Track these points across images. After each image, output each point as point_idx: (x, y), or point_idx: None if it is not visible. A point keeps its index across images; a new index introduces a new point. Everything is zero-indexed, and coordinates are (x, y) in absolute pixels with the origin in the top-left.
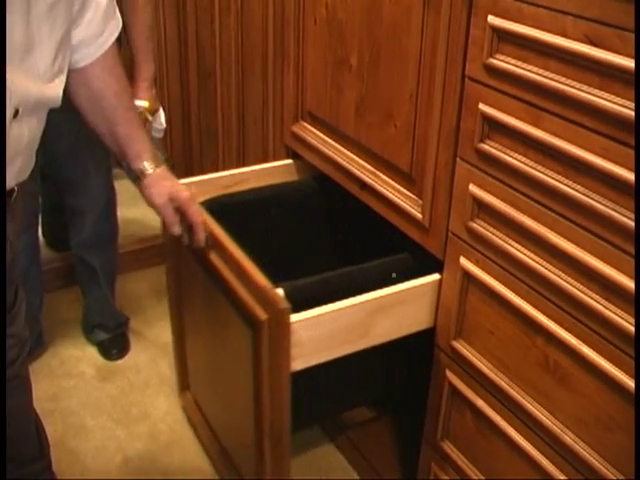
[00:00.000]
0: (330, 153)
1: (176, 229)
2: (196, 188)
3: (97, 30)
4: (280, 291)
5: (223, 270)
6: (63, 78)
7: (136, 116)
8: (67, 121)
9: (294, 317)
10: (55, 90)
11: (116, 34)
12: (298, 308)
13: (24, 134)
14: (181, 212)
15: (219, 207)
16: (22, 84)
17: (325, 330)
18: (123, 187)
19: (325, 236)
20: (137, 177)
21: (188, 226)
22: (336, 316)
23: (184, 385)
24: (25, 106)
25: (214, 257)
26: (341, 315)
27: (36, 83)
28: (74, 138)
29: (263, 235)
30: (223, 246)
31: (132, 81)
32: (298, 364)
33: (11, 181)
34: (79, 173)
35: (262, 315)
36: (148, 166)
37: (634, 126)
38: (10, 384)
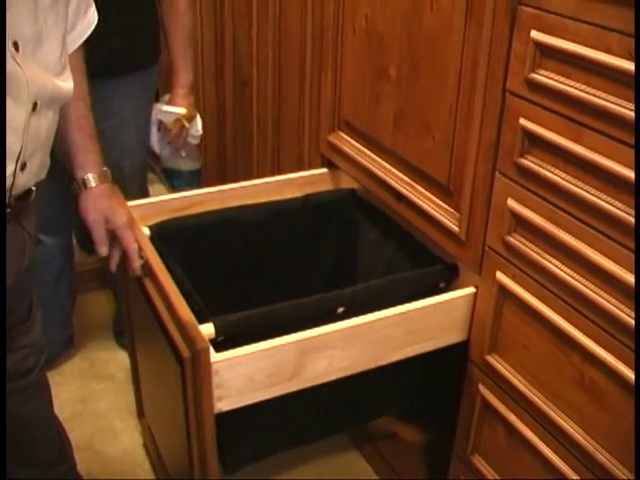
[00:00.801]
0: (366, 163)
1: (103, 250)
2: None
3: (68, 27)
4: (209, 326)
5: (156, 301)
6: (69, 72)
7: (89, 126)
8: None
9: (215, 356)
10: (66, 83)
11: (87, 34)
12: (234, 344)
13: (42, 128)
14: (115, 237)
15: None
16: (37, 76)
17: (250, 371)
18: (155, 192)
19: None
20: (78, 187)
21: (123, 252)
22: (262, 356)
23: (141, 411)
24: (42, 99)
25: (150, 287)
26: (268, 355)
27: (49, 76)
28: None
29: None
30: (155, 276)
31: (170, 88)
32: (224, 405)
33: (30, 180)
34: (113, 174)
35: (185, 352)
36: (92, 179)
37: None
38: (28, 391)
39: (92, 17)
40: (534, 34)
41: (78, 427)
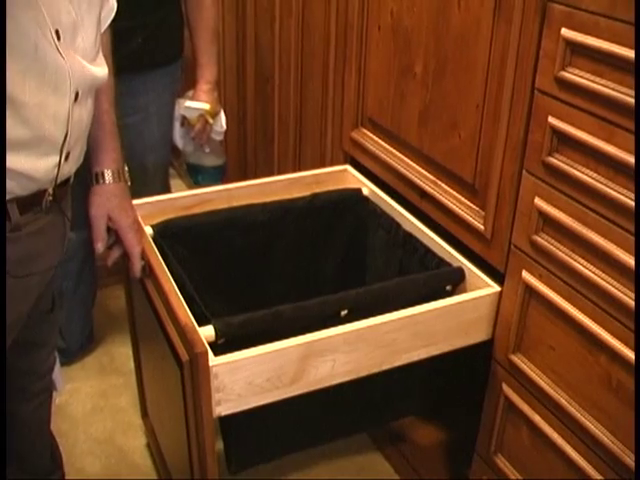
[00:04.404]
0: (390, 161)
1: (99, 246)
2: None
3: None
4: (209, 329)
5: (157, 303)
6: (102, 56)
7: (110, 121)
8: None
9: (214, 360)
10: (101, 68)
11: (111, 17)
12: (238, 346)
13: (84, 117)
14: (118, 237)
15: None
16: (78, 66)
17: (250, 374)
18: (175, 187)
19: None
20: (91, 180)
21: (125, 254)
22: (262, 360)
23: (144, 411)
24: (83, 88)
25: (151, 288)
26: (268, 359)
27: (86, 63)
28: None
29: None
30: (156, 277)
31: (194, 83)
32: (223, 409)
33: (73, 167)
34: (136, 170)
35: (184, 356)
36: (107, 175)
37: None
38: (41, 397)
39: (113, 1)
40: (564, 32)
41: (99, 421)
